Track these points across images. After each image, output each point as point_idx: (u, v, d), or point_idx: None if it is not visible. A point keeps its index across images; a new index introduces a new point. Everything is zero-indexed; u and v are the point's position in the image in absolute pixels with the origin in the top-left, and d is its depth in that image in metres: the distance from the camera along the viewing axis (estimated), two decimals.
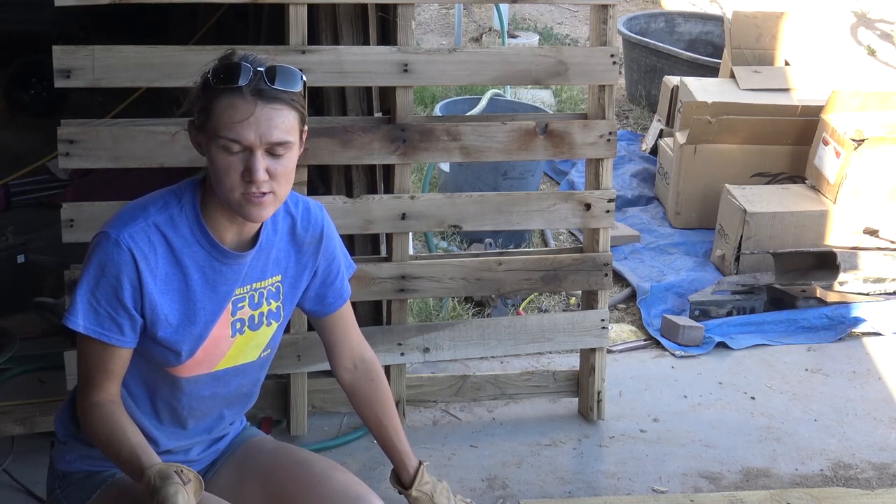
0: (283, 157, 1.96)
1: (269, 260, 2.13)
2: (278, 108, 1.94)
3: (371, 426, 2.34)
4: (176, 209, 2.02)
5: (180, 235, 2.02)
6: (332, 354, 2.33)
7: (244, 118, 1.92)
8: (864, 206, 4.62)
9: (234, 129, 1.92)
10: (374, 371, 2.34)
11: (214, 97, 1.94)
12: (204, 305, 2.05)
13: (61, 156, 3.01)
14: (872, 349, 4.22)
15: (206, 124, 1.96)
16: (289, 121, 1.96)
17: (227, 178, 1.94)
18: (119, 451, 1.96)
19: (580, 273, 3.46)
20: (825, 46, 7.56)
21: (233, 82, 1.92)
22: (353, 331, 2.34)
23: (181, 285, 2.03)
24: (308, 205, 2.20)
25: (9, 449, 3.20)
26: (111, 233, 1.98)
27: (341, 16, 3.40)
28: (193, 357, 2.06)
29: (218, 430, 2.25)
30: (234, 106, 1.92)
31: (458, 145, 3.29)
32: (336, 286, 2.27)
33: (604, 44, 3.33)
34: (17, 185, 4.80)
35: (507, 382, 3.61)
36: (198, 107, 1.98)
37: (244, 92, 1.92)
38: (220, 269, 2.05)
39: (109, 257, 1.97)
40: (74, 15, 4.33)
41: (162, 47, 3.01)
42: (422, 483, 2.30)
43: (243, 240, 2.08)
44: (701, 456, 3.49)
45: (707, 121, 4.86)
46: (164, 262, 2.01)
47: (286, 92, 1.95)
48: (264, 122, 1.93)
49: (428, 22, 8.07)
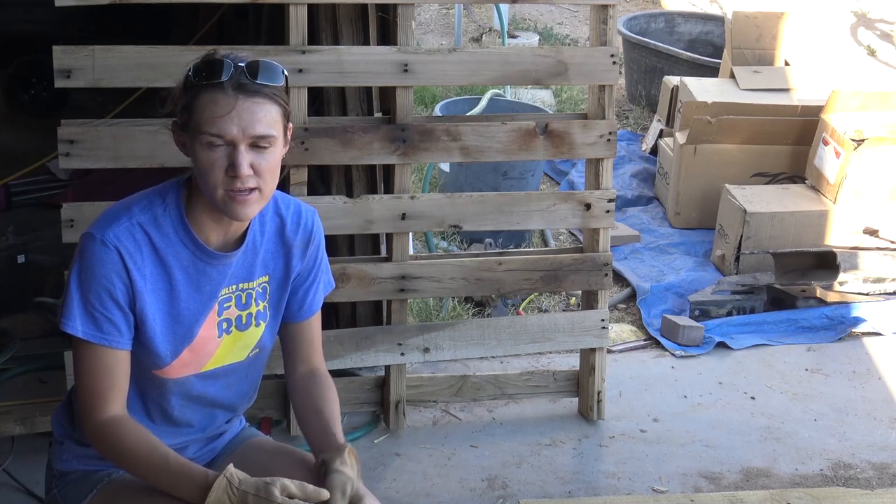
0: (267, 152, 1.96)
1: (257, 260, 2.12)
2: (260, 101, 1.94)
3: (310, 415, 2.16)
4: (160, 209, 2.01)
5: (164, 235, 2.01)
6: (288, 358, 2.26)
7: (226, 112, 1.91)
8: (864, 206, 4.62)
9: (216, 124, 1.91)
10: (326, 382, 2.23)
11: (196, 94, 1.94)
12: (188, 305, 2.04)
13: (61, 156, 3.01)
14: (872, 349, 4.22)
15: (188, 122, 1.95)
16: (271, 115, 1.95)
17: (211, 175, 1.93)
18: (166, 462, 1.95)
19: (580, 273, 3.47)
20: (825, 46, 7.56)
21: (214, 78, 1.92)
22: (315, 346, 2.25)
23: (166, 285, 2.02)
24: (300, 207, 2.18)
25: (9, 449, 3.20)
26: (96, 234, 1.97)
27: (341, 16, 3.40)
28: (179, 358, 2.06)
29: (212, 430, 2.24)
30: (215, 101, 1.92)
31: (458, 145, 3.29)
32: (307, 294, 2.21)
33: (604, 44, 3.33)
34: (17, 185, 4.79)
35: (507, 382, 3.61)
36: (180, 105, 1.97)
37: (225, 87, 1.92)
38: (205, 270, 2.04)
39: (98, 258, 1.96)
40: (75, 15, 4.33)
41: (162, 47, 3.01)
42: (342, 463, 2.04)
43: (229, 240, 2.07)
44: (701, 456, 3.49)
45: (707, 121, 4.86)
46: (150, 261, 2.00)
47: (268, 86, 1.95)
48: (246, 116, 1.92)
49: (428, 22, 8.07)
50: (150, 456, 1.97)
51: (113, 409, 1.99)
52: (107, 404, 1.99)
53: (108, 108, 4.54)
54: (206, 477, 1.92)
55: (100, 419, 1.99)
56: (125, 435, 1.98)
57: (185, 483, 1.94)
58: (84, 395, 2.00)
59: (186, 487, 1.93)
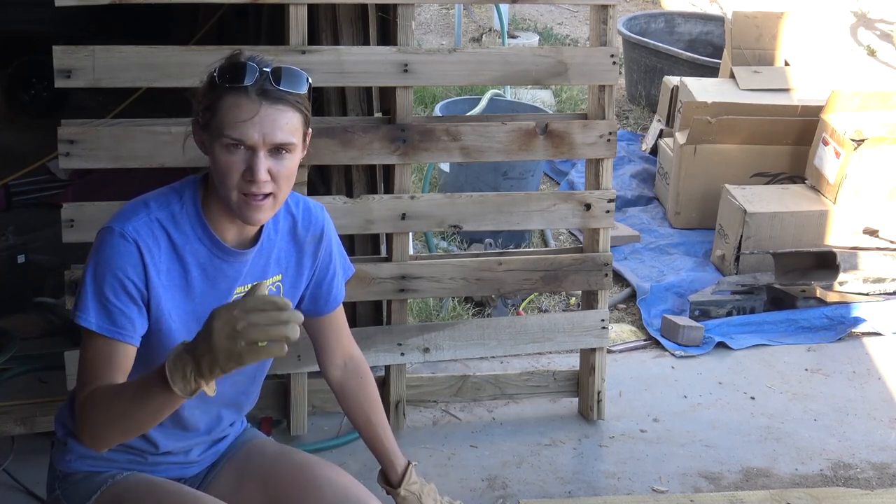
0: (286, 159, 1.97)
1: (271, 259, 2.13)
2: (283, 109, 1.94)
3: (359, 425, 2.35)
4: (177, 206, 2.03)
5: (181, 232, 2.02)
6: (321, 354, 2.35)
7: (248, 117, 1.92)
8: (864, 206, 4.62)
9: (238, 128, 1.92)
10: (362, 370, 2.36)
11: (220, 96, 1.94)
12: (203, 302, 2.05)
13: (61, 156, 3.01)
14: (872, 349, 4.22)
15: (210, 122, 1.96)
16: (293, 122, 1.96)
17: (229, 177, 1.95)
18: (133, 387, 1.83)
19: (580, 273, 3.47)
20: (825, 46, 7.56)
21: (238, 81, 1.93)
22: (344, 333, 2.36)
23: (182, 281, 2.03)
24: (308, 205, 2.20)
25: (9, 449, 3.20)
26: (115, 227, 1.98)
27: (341, 16, 3.40)
28: None
29: (217, 432, 2.25)
30: (238, 105, 1.93)
31: (458, 145, 3.29)
32: (330, 288, 2.27)
33: (604, 44, 3.33)
34: (18, 185, 4.79)
35: (507, 382, 3.61)
36: (203, 105, 1.98)
37: (249, 91, 1.93)
38: (221, 267, 2.06)
39: (115, 251, 1.96)
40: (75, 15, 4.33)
41: (162, 47, 3.01)
42: (410, 483, 2.30)
43: (244, 238, 2.08)
44: (701, 456, 3.49)
45: (707, 121, 4.86)
46: (167, 257, 2.01)
47: (291, 93, 1.95)
48: (268, 123, 1.93)
49: (428, 22, 8.07)
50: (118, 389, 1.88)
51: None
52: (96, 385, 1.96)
53: (108, 108, 4.54)
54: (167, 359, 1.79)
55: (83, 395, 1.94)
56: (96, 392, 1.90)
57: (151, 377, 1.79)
58: (82, 381, 1.98)
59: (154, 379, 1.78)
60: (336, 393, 2.36)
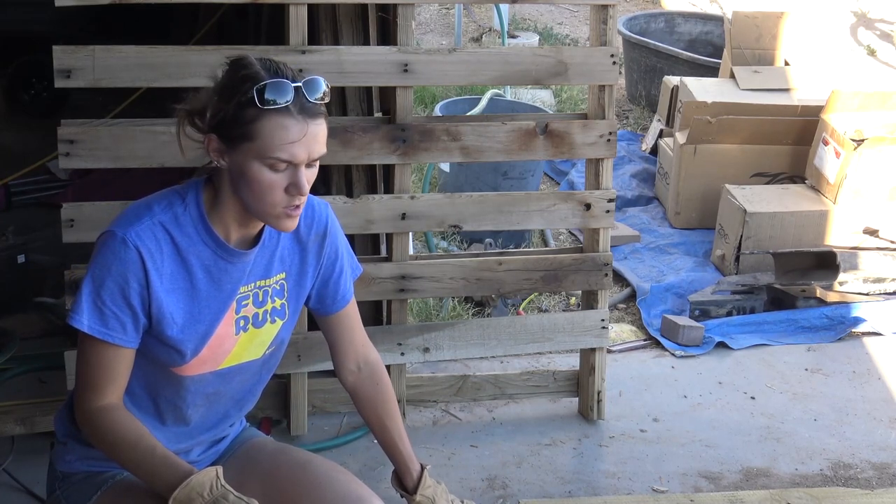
0: (315, 165, 2.00)
1: (274, 257, 2.13)
2: (320, 122, 1.96)
3: (374, 429, 2.33)
4: (180, 208, 2.03)
5: (185, 234, 2.02)
6: (335, 354, 2.33)
7: (298, 139, 1.93)
8: (864, 206, 4.62)
9: (287, 150, 1.93)
10: (378, 373, 2.33)
11: (260, 116, 1.92)
12: (209, 304, 2.05)
13: (61, 156, 3.01)
14: (872, 349, 4.22)
15: (245, 142, 1.94)
16: (325, 132, 1.99)
17: (271, 195, 1.96)
18: (152, 451, 1.97)
19: (580, 273, 3.47)
20: (825, 46, 7.56)
21: (279, 102, 1.91)
22: (357, 332, 2.34)
23: (186, 284, 2.03)
24: (312, 202, 2.20)
25: (9, 449, 3.20)
26: (118, 232, 1.98)
27: (341, 16, 3.40)
28: (198, 356, 2.07)
29: (220, 431, 2.25)
30: (285, 127, 1.92)
31: (458, 145, 3.29)
32: (337, 286, 2.27)
33: (604, 44, 3.33)
34: (17, 185, 4.79)
35: (507, 382, 3.61)
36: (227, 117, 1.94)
37: (292, 111, 1.92)
38: (225, 268, 2.06)
39: (116, 256, 1.96)
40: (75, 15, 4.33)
41: (162, 47, 3.01)
42: (425, 487, 2.30)
43: (247, 238, 2.09)
44: (701, 456, 3.49)
45: (707, 121, 4.86)
46: (170, 260, 2.01)
47: (321, 104, 1.97)
48: (312, 140, 1.95)
49: (428, 22, 8.07)
50: (137, 443, 1.98)
51: (108, 399, 2.00)
52: (103, 395, 2.00)
53: (108, 108, 4.55)
54: (191, 469, 1.94)
55: (94, 406, 2.00)
56: (116, 421, 1.99)
57: (168, 472, 1.95)
58: (81, 385, 2.02)
59: (167, 476, 1.94)
60: (351, 395, 2.34)
